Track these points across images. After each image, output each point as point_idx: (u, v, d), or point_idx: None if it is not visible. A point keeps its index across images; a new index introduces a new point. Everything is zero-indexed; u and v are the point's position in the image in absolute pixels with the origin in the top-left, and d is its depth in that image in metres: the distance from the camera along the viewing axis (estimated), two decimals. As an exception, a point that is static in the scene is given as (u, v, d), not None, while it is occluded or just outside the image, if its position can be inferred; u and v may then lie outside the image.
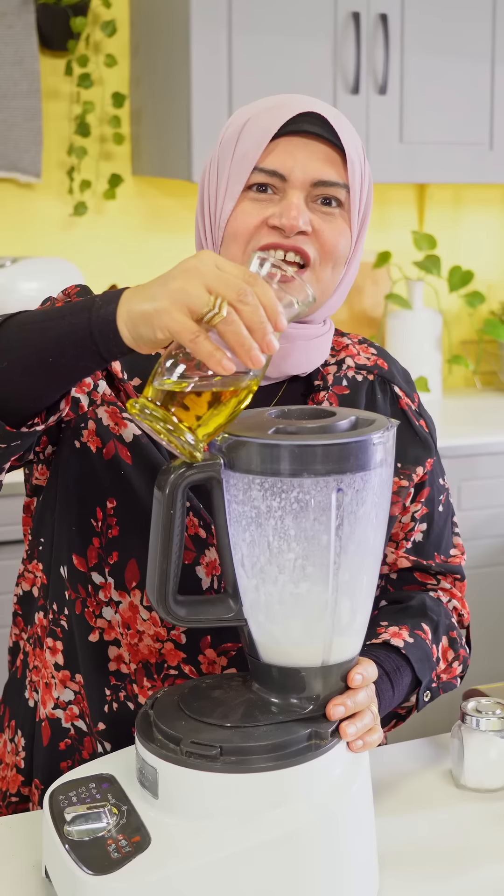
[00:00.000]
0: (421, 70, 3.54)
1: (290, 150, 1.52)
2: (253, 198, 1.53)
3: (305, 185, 1.52)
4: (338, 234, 1.54)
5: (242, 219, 1.53)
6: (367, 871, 1.32)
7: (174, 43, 3.36)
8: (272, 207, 1.52)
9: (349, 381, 1.66)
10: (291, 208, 1.50)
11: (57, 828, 1.28)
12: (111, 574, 1.56)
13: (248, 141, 1.52)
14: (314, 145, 1.52)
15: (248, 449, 1.24)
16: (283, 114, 1.52)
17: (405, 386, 1.71)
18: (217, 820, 1.24)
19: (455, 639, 1.67)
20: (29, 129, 3.52)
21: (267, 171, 1.52)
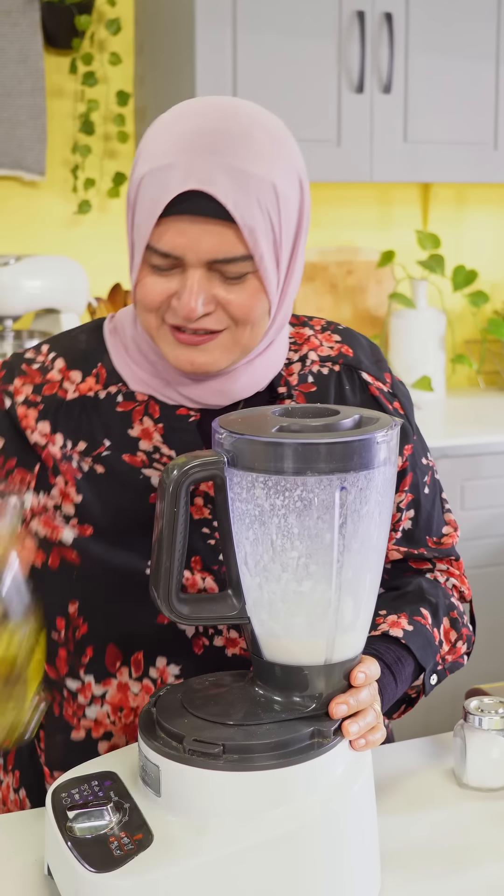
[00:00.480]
0: (425, 69, 3.54)
1: (180, 230, 1.40)
2: (155, 271, 1.44)
3: (202, 264, 1.41)
4: (247, 300, 1.44)
5: (148, 293, 1.45)
6: (368, 870, 1.32)
7: (179, 41, 3.36)
8: (174, 281, 1.43)
9: (315, 376, 1.61)
10: (188, 294, 1.41)
11: (59, 825, 1.28)
12: (88, 672, 1.54)
13: (140, 211, 1.43)
14: (204, 225, 1.39)
15: (252, 447, 1.24)
16: (166, 191, 1.39)
17: (373, 369, 1.64)
18: (219, 818, 1.24)
19: (456, 618, 1.65)
20: (33, 127, 3.52)
21: (160, 252, 1.41)
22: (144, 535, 1.48)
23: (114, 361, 1.56)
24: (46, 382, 1.55)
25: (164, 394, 1.54)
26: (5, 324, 3.41)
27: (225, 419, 1.31)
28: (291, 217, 1.46)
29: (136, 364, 1.55)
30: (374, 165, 3.53)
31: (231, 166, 1.39)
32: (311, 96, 3.42)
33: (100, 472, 1.53)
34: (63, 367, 1.56)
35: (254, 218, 1.41)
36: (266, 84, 3.34)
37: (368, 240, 4.03)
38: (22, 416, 1.53)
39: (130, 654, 1.53)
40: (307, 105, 3.42)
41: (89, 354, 1.57)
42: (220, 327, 1.45)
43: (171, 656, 1.53)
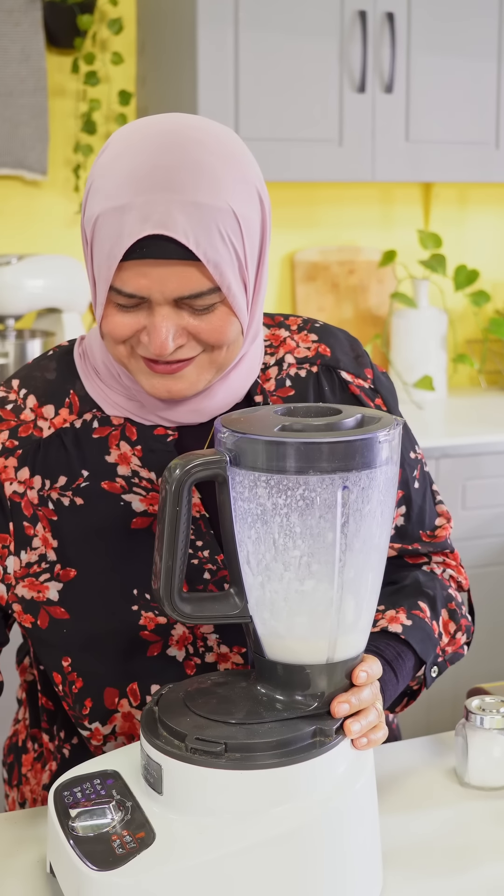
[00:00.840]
0: (427, 69, 3.54)
1: (143, 272, 1.37)
2: (120, 308, 1.41)
3: (168, 301, 1.38)
4: (218, 326, 1.42)
5: (116, 328, 1.42)
6: (370, 869, 1.32)
7: (181, 41, 3.36)
8: (141, 316, 1.40)
9: (292, 379, 1.59)
10: (157, 334, 1.38)
11: (61, 823, 1.28)
12: (92, 721, 1.55)
13: (99, 252, 1.39)
14: (164, 268, 1.36)
15: (254, 446, 1.24)
16: (123, 237, 1.35)
17: (353, 366, 1.62)
18: (221, 816, 1.24)
19: (455, 609, 1.64)
20: (35, 126, 3.52)
21: (125, 293, 1.38)
22: (126, 561, 1.48)
23: (86, 387, 1.54)
24: (21, 423, 1.53)
25: (140, 415, 1.53)
26: (7, 323, 3.42)
27: (227, 418, 1.31)
28: (255, 237, 1.43)
29: (109, 388, 1.53)
30: (375, 165, 3.53)
31: (188, 202, 1.35)
32: (312, 96, 3.42)
33: (79, 503, 1.52)
34: (35, 404, 1.54)
35: (217, 252, 1.37)
36: (268, 83, 3.34)
37: (370, 239, 4.03)
38: (1, 469, 1.52)
39: (125, 687, 1.54)
40: (309, 104, 3.42)
41: (59, 385, 1.55)
42: (194, 354, 1.43)
43: (163, 682, 1.53)
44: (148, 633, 1.51)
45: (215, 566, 1.51)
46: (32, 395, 1.55)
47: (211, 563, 1.51)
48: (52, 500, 1.52)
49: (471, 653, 3.45)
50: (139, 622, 1.51)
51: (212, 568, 1.51)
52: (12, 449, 1.52)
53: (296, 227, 3.91)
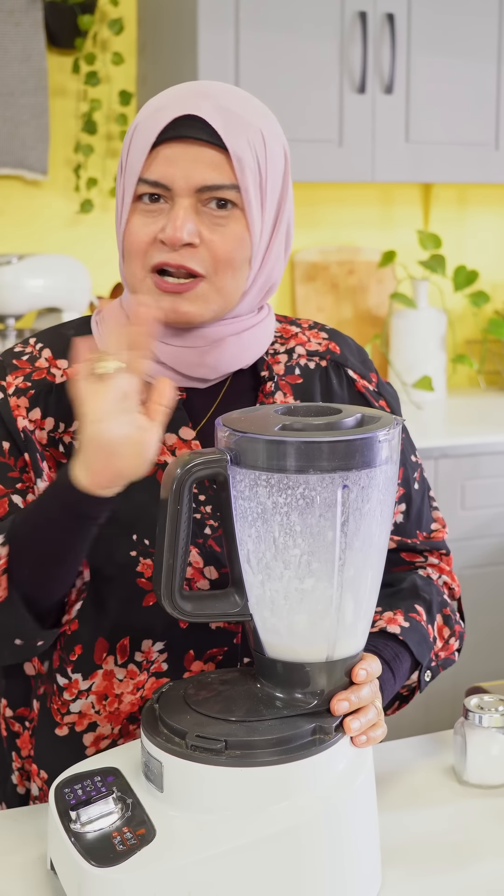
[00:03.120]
0: (427, 69, 3.54)
1: (171, 158, 1.47)
2: (143, 210, 1.49)
3: (191, 193, 1.47)
4: (231, 241, 1.49)
5: (135, 234, 1.50)
6: (369, 866, 1.33)
7: (181, 41, 3.37)
8: (161, 219, 1.49)
9: (302, 369, 1.64)
10: (175, 219, 1.46)
11: (62, 820, 1.29)
12: (76, 670, 1.54)
13: (134, 151, 1.49)
14: (195, 150, 1.46)
15: (255, 445, 1.25)
16: (160, 120, 1.47)
17: (360, 367, 1.68)
18: (221, 813, 1.24)
19: (449, 615, 1.66)
20: (36, 126, 3.52)
21: (150, 181, 1.48)
22: (128, 506, 1.48)
23: (101, 348, 1.57)
24: (35, 370, 1.56)
25: (149, 375, 1.55)
26: (7, 323, 3.42)
27: (227, 418, 1.31)
28: (277, 171, 1.52)
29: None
30: (375, 165, 3.54)
31: (222, 106, 1.48)
32: (313, 96, 3.42)
33: None
34: (50, 356, 1.58)
35: (242, 150, 1.47)
36: (268, 84, 3.34)
37: (370, 240, 4.04)
38: (14, 407, 1.54)
39: (117, 641, 1.54)
40: (309, 105, 3.42)
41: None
42: (201, 269, 1.48)
43: (157, 637, 1.53)
44: (145, 581, 1.52)
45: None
46: (48, 349, 1.59)
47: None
48: (63, 444, 1.54)
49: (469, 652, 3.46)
50: (136, 568, 1.52)
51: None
52: (25, 389, 1.55)
53: (296, 228, 3.90)
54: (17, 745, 1.65)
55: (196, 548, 1.53)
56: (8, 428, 1.54)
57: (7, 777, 1.66)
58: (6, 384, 1.56)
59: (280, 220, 1.55)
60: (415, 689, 1.62)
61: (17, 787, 1.65)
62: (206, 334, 1.54)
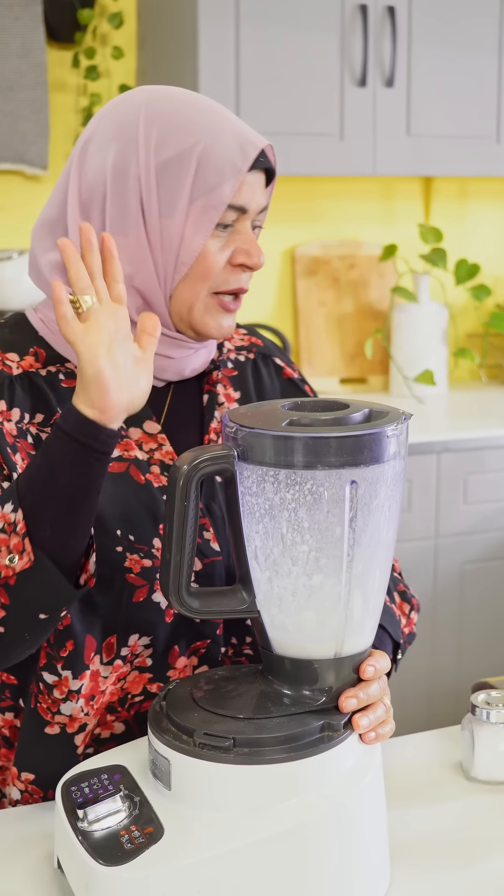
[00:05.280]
0: (428, 63, 3.53)
1: (251, 184, 1.53)
2: (218, 235, 1.53)
3: (253, 216, 1.55)
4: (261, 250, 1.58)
5: (214, 258, 1.53)
6: (378, 863, 1.32)
7: (181, 35, 3.36)
8: (230, 243, 1.54)
9: (233, 362, 1.71)
10: (254, 245, 1.54)
11: (69, 819, 1.28)
12: (66, 667, 1.51)
13: (214, 174, 1.50)
14: (261, 177, 1.56)
15: (262, 441, 1.24)
16: (250, 150, 1.52)
17: (284, 357, 1.76)
18: (230, 811, 1.24)
19: (404, 591, 1.70)
20: (36, 121, 3.51)
21: (236, 207, 1.52)
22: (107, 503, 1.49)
23: (51, 343, 1.57)
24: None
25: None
26: (8, 318, 3.41)
27: (235, 413, 1.31)
28: None
29: None
30: (376, 159, 3.53)
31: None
32: (313, 90, 3.42)
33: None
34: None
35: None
36: (269, 78, 3.33)
37: (371, 234, 4.03)
38: None
39: (104, 639, 1.52)
40: (310, 99, 3.42)
41: (20, 342, 1.57)
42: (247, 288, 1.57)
43: (143, 632, 1.52)
44: (134, 577, 1.50)
45: None
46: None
47: None
48: (31, 434, 1.51)
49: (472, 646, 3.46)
50: (125, 564, 1.50)
51: None
52: None
53: (296, 222, 3.91)
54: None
55: None
56: None
57: None
58: None
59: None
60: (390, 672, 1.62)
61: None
62: (192, 345, 1.59)
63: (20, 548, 1.37)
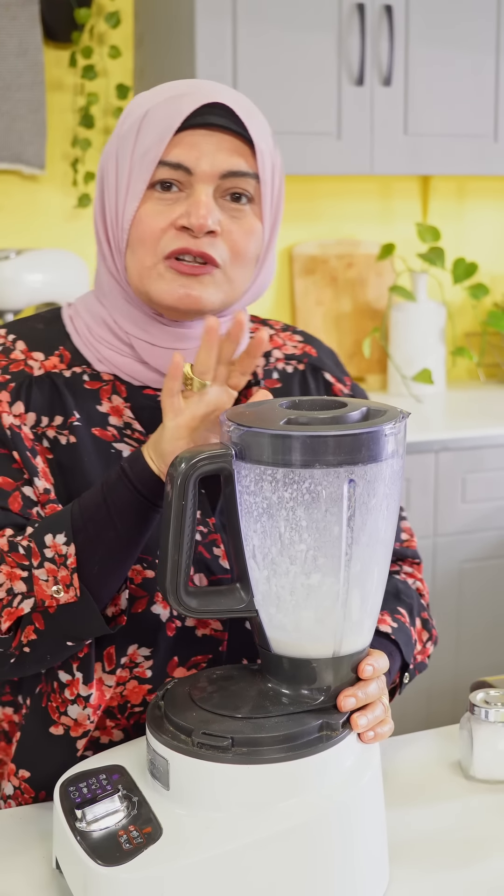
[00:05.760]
0: (425, 62, 3.53)
1: (195, 143, 1.46)
2: (158, 197, 1.47)
3: (213, 178, 1.47)
4: (248, 233, 1.50)
5: (148, 221, 1.47)
6: (377, 863, 1.32)
7: (179, 34, 3.35)
8: (179, 207, 1.47)
9: (280, 373, 1.64)
10: (200, 206, 1.45)
11: (68, 819, 1.28)
12: (80, 669, 1.51)
13: (149, 135, 1.46)
14: (220, 136, 1.47)
15: (260, 440, 1.24)
16: (185, 105, 1.45)
17: (336, 370, 1.69)
18: (228, 811, 1.24)
19: (427, 620, 1.67)
20: (33, 120, 3.51)
21: (171, 164, 1.46)
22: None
23: (76, 344, 1.57)
24: (12, 362, 1.54)
25: (129, 374, 1.55)
26: (6, 318, 3.41)
27: (233, 412, 1.31)
28: (280, 175, 1.54)
29: (101, 343, 1.56)
30: (374, 158, 3.52)
31: (241, 101, 1.50)
32: (311, 89, 3.41)
33: (72, 441, 1.52)
34: (24, 348, 1.55)
35: (262, 143, 1.50)
36: (266, 77, 3.33)
37: (369, 232, 4.03)
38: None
39: (103, 648, 1.52)
40: (307, 98, 3.41)
41: (49, 340, 1.57)
42: (219, 259, 1.48)
43: (143, 642, 1.52)
44: (134, 588, 1.50)
45: None
46: (22, 341, 1.56)
47: None
48: (47, 438, 1.52)
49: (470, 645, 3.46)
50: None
51: None
52: (4, 383, 1.52)
53: (294, 221, 3.90)
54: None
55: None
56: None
57: None
58: None
59: (276, 224, 1.56)
60: (394, 691, 1.62)
61: None
62: (195, 335, 1.53)
63: (67, 581, 1.39)
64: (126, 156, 1.48)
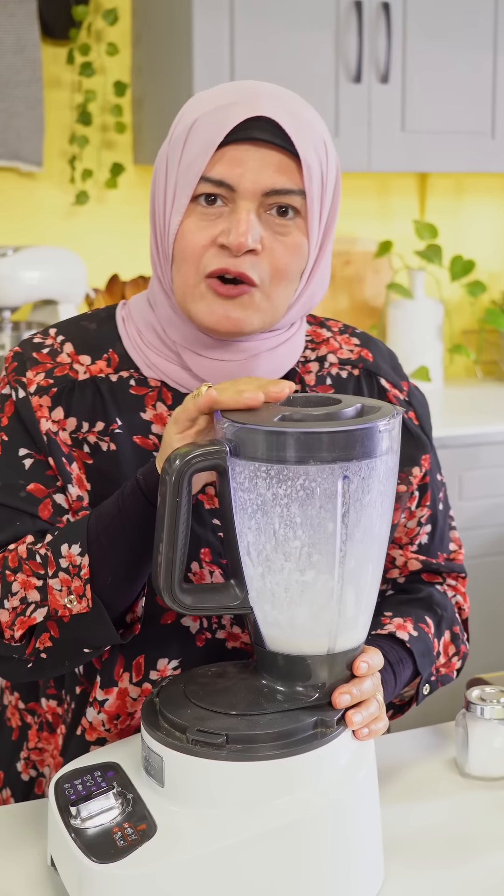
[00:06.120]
0: (423, 59, 3.53)
1: (238, 159, 1.42)
2: (201, 212, 1.44)
3: (256, 196, 1.43)
4: (291, 251, 1.46)
5: (191, 237, 1.45)
6: (372, 860, 1.32)
7: (176, 31, 3.35)
8: (221, 223, 1.44)
9: (333, 378, 1.61)
10: (240, 224, 1.42)
11: (62, 816, 1.28)
12: (101, 673, 1.53)
13: (194, 147, 1.43)
14: (264, 152, 1.43)
15: (254, 436, 1.24)
16: (230, 118, 1.42)
17: (392, 375, 1.66)
18: (223, 808, 1.24)
19: (458, 634, 1.65)
20: (30, 117, 3.51)
21: (213, 180, 1.43)
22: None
23: (126, 347, 1.56)
24: (57, 365, 1.53)
25: (177, 381, 1.54)
26: (3, 315, 3.41)
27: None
28: (333, 183, 1.50)
29: (150, 348, 1.54)
30: (371, 155, 3.52)
31: (291, 110, 1.46)
32: (308, 86, 3.41)
33: (112, 449, 1.51)
34: (72, 351, 1.55)
35: (310, 156, 1.45)
36: (264, 74, 3.32)
37: (366, 230, 4.02)
38: (37, 407, 1.51)
39: (133, 658, 1.52)
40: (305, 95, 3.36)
41: (99, 341, 1.56)
42: (257, 279, 1.44)
43: (172, 655, 1.53)
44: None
45: None
46: (70, 343, 1.56)
47: None
48: (88, 444, 1.51)
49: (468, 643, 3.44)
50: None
51: None
52: (47, 388, 1.52)
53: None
54: (27, 736, 1.65)
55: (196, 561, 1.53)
56: (29, 430, 1.51)
57: (13, 763, 1.66)
58: (27, 380, 1.52)
59: (328, 237, 1.52)
60: (411, 701, 1.61)
61: (21, 773, 1.65)
62: (243, 348, 1.51)
63: (80, 592, 1.40)
64: (174, 164, 1.46)
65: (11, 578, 1.43)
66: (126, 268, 3.67)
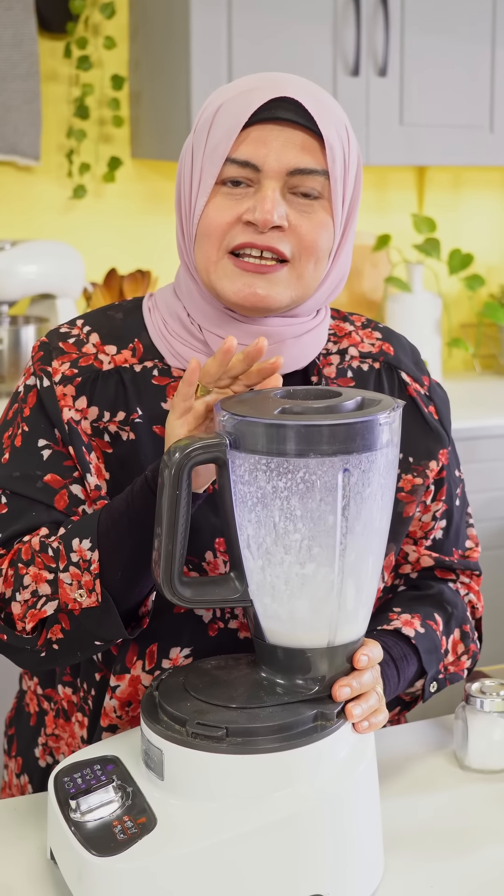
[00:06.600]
0: (421, 52, 3.52)
1: (262, 139, 1.45)
2: (226, 192, 1.46)
3: (281, 175, 1.45)
4: (317, 228, 1.48)
5: (215, 215, 1.46)
6: (372, 853, 1.32)
7: (174, 25, 3.35)
8: (246, 202, 1.46)
9: (354, 371, 1.61)
10: (266, 201, 1.44)
11: (62, 810, 1.28)
12: (116, 658, 1.54)
13: (219, 130, 1.46)
14: (289, 132, 1.45)
15: (254, 429, 1.24)
16: (254, 100, 1.44)
17: (413, 369, 1.65)
18: (223, 801, 1.24)
19: (468, 633, 1.65)
20: (28, 111, 3.50)
21: (239, 161, 1.45)
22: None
23: (152, 337, 1.56)
24: (82, 355, 1.54)
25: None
26: (1, 309, 3.41)
27: (227, 401, 1.30)
28: (354, 168, 1.51)
29: (175, 338, 1.55)
30: (369, 149, 3.52)
31: (313, 93, 1.48)
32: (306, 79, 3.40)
33: (131, 438, 1.52)
34: (98, 341, 1.56)
35: (332, 137, 1.47)
36: (261, 67, 3.32)
37: (364, 223, 4.02)
38: (60, 396, 1.52)
39: (146, 646, 1.53)
40: (303, 88, 3.40)
41: (125, 331, 1.57)
42: (287, 253, 1.46)
43: (184, 643, 1.53)
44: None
45: None
46: (96, 333, 1.57)
47: None
48: (108, 433, 1.52)
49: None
50: None
51: None
52: (71, 377, 1.53)
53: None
54: (44, 722, 1.65)
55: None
56: (51, 419, 1.52)
57: (31, 748, 1.67)
58: (52, 370, 1.53)
59: (351, 219, 1.53)
60: (418, 698, 1.61)
61: (38, 759, 1.67)
62: (267, 334, 1.51)
63: (90, 586, 1.41)
64: (200, 150, 1.48)
65: (24, 571, 1.44)
66: (124, 262, 3.66)
